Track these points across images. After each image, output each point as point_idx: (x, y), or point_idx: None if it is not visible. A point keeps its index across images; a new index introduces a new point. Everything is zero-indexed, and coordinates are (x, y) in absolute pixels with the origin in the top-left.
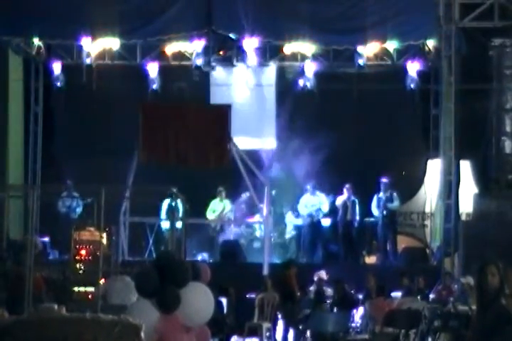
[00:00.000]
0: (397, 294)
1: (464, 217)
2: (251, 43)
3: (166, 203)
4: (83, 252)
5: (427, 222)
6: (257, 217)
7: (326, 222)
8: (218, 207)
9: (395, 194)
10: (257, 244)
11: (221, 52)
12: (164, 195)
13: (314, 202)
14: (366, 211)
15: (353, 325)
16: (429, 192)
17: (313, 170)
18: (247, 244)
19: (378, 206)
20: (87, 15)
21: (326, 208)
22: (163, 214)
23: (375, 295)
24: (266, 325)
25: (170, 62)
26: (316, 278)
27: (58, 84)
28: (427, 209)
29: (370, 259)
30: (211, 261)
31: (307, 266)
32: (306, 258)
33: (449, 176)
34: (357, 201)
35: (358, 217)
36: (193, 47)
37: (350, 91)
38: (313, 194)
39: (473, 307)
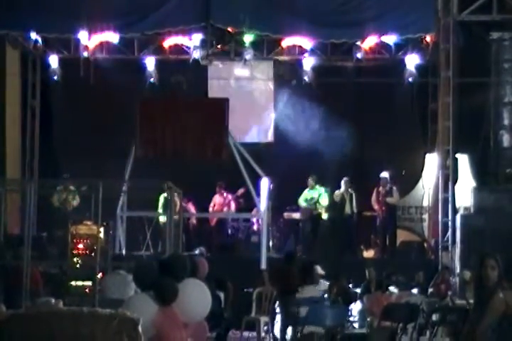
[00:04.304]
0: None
1: (462, 211)
2: (249, 37)
3: (162, 197)
4: (80, 246)
5: (425, 216)
6: (254, 211)
7: (324, 216)
8: (218, 201)
9: (394, 188)
10: (255, 238)
11: (219, 46)
12: (161, 189)
13: (313, 196)
14: (365, 205)
15: (351, 319)
16: (427, 186)
17: (311, 164)
18: (244, 238)
19: (378, 200)
20: (84, 9)
21: (325, 202)
22: (159, 208)
23: (374, 289)
24: (263, 319)
25: (168, 56)
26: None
27: (55, 77)
28: (425, 204)
29: (368, 253)
30: (209, 255)
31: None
32: (305, 252)
33: (447, 170)
34: (354, 194)
35: (355, 210)
36: (191, 41)
37: (348, 85)
38: (313, 188)
39: (471, 301)
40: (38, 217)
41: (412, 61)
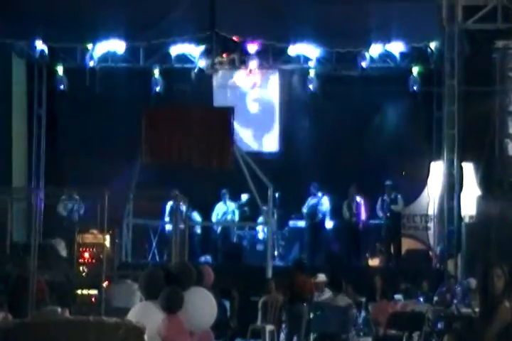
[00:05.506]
0: (399, 296)
1: (467, 220)
2: (254, 46)
3: (169, 205)
4: (86, 255)
5: (430, 225)
6: (260, 220)
7: (330, 225)
8: (222, 210)
9: (399, 196)
10: (260, 246)
11: (224, 55)
12: (167, 197)
13: (315, 203)
14: (370, 213)
15: (356, 327)
16: (432, 195)
17: (316, 173)
18: (250, 247)
19: (382, 208)
20: (90, 18)
21: (325, 209)
22: (166, 216)
23: (379, 297)
24: (269, 327)
25: (173, 65)
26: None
27: (61, 87)
28: (430, 212)
29: (373, 261)
30: (214, 263)
31: (310, 268)
32: (309, 260)
33: (452, 178)
34: (362, 202)
35: (363, 218)
36: (196, 50)
37: (353, 94)
38: (315, 195)
39: (477, 309)
40: (44, 225)
41: (417, 70)
